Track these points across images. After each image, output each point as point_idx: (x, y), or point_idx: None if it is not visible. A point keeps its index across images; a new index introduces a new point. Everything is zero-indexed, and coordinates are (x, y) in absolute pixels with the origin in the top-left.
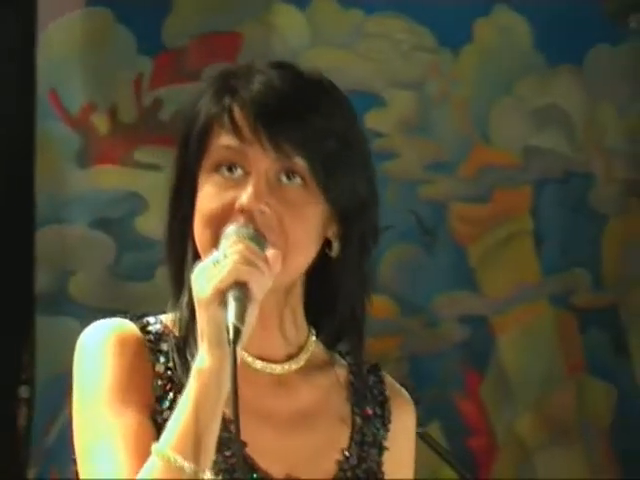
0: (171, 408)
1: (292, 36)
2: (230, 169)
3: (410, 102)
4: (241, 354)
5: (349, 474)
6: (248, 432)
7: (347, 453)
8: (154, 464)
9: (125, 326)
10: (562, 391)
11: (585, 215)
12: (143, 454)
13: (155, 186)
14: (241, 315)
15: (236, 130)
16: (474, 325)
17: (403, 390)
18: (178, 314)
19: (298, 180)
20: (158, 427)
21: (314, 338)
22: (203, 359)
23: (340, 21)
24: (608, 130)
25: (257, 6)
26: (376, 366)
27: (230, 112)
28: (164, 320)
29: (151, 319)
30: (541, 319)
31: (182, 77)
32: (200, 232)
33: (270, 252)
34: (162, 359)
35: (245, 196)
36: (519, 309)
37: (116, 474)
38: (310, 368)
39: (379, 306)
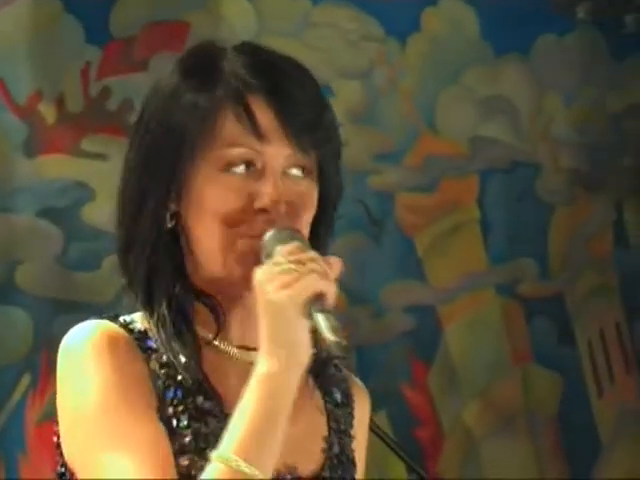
0: (175, 406)
1: (239, 25)
2: (247, 166)
3: (357, 92)
4: (224, 345)
5: (335, 462)
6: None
7: (327, 443)
8: (216, 469)
9: (111, 326)
10: (508, 380)
11: (531, 205)
12: (163, 462)
13: (102, 176)
14: (337, 329)
15: (255, 127)
16: (421, 315)
17: (358, 380)
18: (156, 310)
19: (307, 173)
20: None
21: None
22: (269, 363)
23: (287, 10)
24: (554, 120)
25: None
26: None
27: (246, 105)
28: (137, 318)
29: (126, 318)
30: (488, 308)
31: (130, 66)
32: (216, 232)
33: (332, 259)
34: (153, 356)
35: (268, 197)
36: (466, 298)
37: None
38: None
39: None
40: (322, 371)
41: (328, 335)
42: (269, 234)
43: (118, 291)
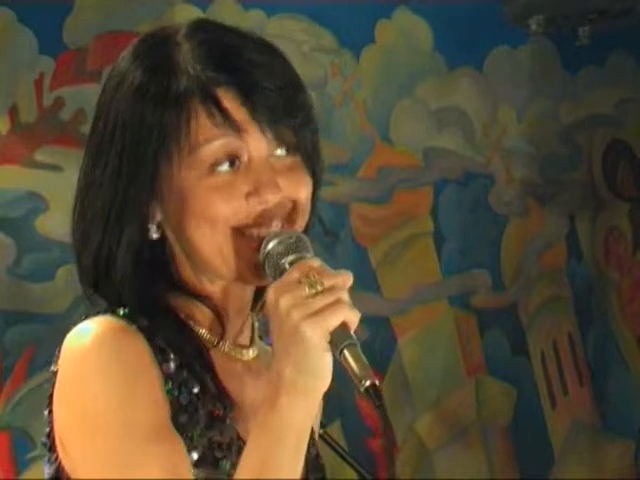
0: (190, 414)
1: None
2: (232, 163)
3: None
4: (223, 346)
5: (315, 464)
6: (242, 429)
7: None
8: None
9: (122, 325)
10: (462, 391)
11: (484, 216)
12: (182, 471)
13: (56, 186)
14: (367, 368)
15: (230, 122)
16: (375, 326)
17: None
18: (157, 322)
19: (292, 151)
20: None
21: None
22: (295, 390)
23: (241, 22)
24: (508, 132)
25: (158, 6)
26: None
27: (216, 101)
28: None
29: (126, 312)
30: (441, 320)
31: (83, 77)
32: (208, 236)
33: (346, 275)
34: (166, 357)
35: (261, 191)
36: (419, 310)
37: None
38: (261, 352)
39: None
40: None
41: (359, 376)
42: (274, 241)
43: (72, 302)
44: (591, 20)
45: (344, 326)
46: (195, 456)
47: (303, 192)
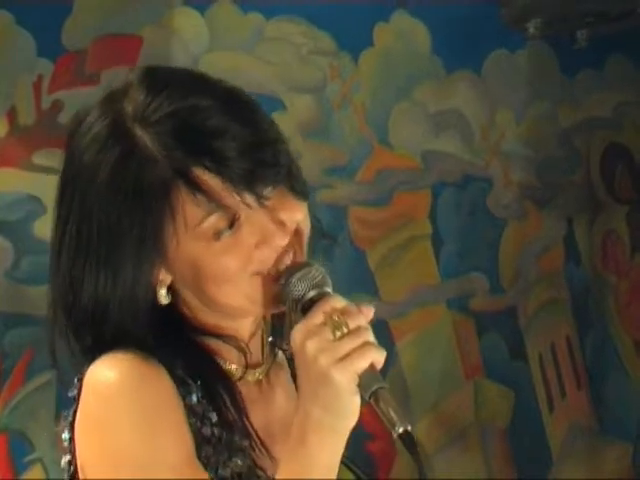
0: (214, 445)
1: (192, 40)
2: (231, 226)
3: (310, 106)
4: (226, 365)
5: None
6: (264, 457)
7: None
8: None
9: (145, 360)
10: (460, 394)
11: (483, 219)
12: None
13: (54, 190)
14: (399, 412)
15: (217, 201)
16: (373, 329)
17: None
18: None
19: (276, 186)
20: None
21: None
22: (325, 432)
23: (240, 25)
24: (506, 135)
25: (157, 9)
26: None
27: (195, 184)
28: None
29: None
30: (439, 323)
31: (82, 80)
32: (232, 293)
33: (367, 310)
34: (189, 389)
35: (279, 241)
36: (417, 313)
37: None
38: (273, 367)
39: None
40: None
41: (393, 422)
42: (294, 277)
43: None
44: (589, 23)
45: (371, 367)
46: None
47: (302, 214)
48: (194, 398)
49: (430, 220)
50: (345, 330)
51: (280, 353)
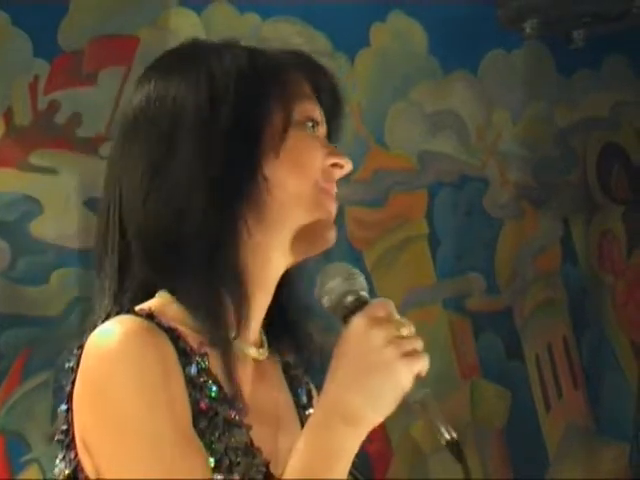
0: (211, 419)
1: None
2: (314, 127)
3: None
4: (240, 343)
5: None
6: (260, 437)
7: None
8: None
9: (148, 327)
10: (456, 395)
11: (479, 219)
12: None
13: (51, 190)
14: (446, 421)
15: (322, 91)
16: None
17: None
18: (203, 304)
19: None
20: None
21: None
22: (353, 420)
23: (236, 25)
24: (503, 135)
25: (153, 10)
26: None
27: (311, 72)
28: (156, 310)
29: (148, 311)
30: (436, 323)
31: (79, 80)
32: (301, 184)
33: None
34: (190, 360)
35: (344, 161)
36: (413, 313)
37: None
38: (269, 357)
39: None
40: (289, 370)
41: (442, 429)
42: (336, 279)
43: (66, 305)
44: (586, 23)
45: (418, 375)
46: (212, 461)
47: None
48: (194, 369)
49: (427, 220)
50: (405, 333)
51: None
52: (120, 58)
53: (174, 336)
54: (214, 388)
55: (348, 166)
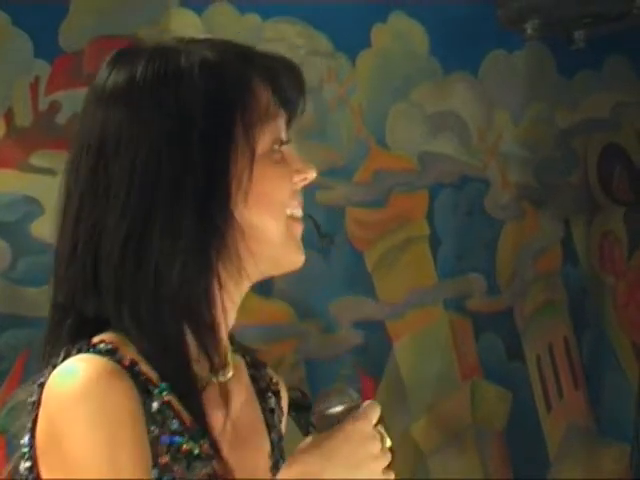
0: (173, 454)
1: None
2: (282, 144)
3: (307, 107)
4: (196, 366)
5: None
6: (226, 454)
7: (272, 459)
8: None
9: (108, 367)
10: (457, 395)
11: (480, 220)
12: None
13: (51, 190)
14: None
15: (287, 101)
16: (370, 330)
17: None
18: (156, 339)
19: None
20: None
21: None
22: None
23: (237, 26)
24: (503, 136)
25: (154, 10)
26: (256, 354)
27: (279, 81)
28: (117, 345)
29: (106, 347)
30: (436, 324)
31: (79, 81)
32: (281, 218)
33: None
34: (151, 396)
35: (309, 171)
36: (414, 314)
37: None
38: (235, 370)
39: (275, 311)
40: (258, 373)
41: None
42: (338, 407)
43: None
44: (587, 24)
45: None
46: None
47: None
48: (155, 405)
49: (427, 221)
50: (385, 445)
51: (244, 369)
52: None
53: (135, 372)
54: (175, 422)
55: (312, 176)
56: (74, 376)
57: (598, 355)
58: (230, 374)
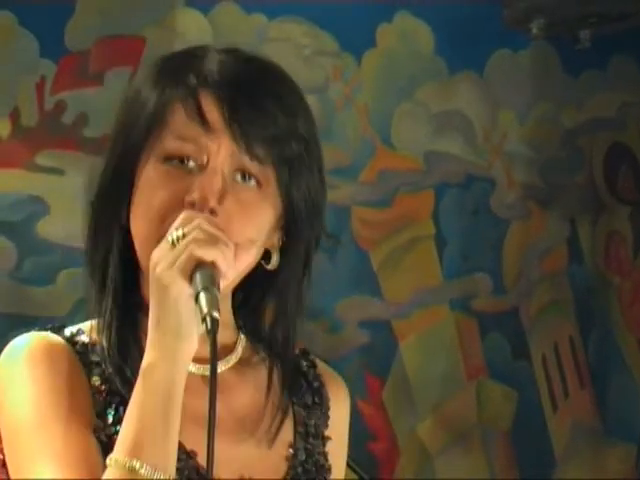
0: (118, 422)
1: (195, 40)
2: (182, 161)
3: (313, 107)
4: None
5: (299, 470)
6: (196, 441)
7: (292, 449)
8: (113, 474)
9: (52, 340)
10: (463, 395)
11: (486, 220)
12: (93, 475)
13: (57, 190)
14: (215, 303)
15: (203, 118)
16: (376, 329)
17: (336, 374)
18: (102, 321)
19: (253, 182)
20: (103, 445)
21: (242, 337)
22: (152, 354)
23: (243, 26)
24: (509, 136)
25: (160, 10)
26: (305, 350)
27: (196, 96)
28: (86, 329)
29: (72, 329)
30: (442, 323)
31: (85, 80)
32: (142, 226)
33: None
34: (96, 371)
35: (198, 192)
36: (420, 313)
37: None
38: (242, 366)
39: None
40: (287, 369)
41: (203, 306)
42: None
43: (73, 305)
44: (592, 24)
45: (207, 267)
46: None
47: (233, 233)
48: (95, 379)
49: (433, 221)
50: (181, 234)
51: (257, 355)
52: (126, 58)
53: (85, 350)
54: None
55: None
56: (19, 347)
57: (604, 355)
58: (227, 367)
